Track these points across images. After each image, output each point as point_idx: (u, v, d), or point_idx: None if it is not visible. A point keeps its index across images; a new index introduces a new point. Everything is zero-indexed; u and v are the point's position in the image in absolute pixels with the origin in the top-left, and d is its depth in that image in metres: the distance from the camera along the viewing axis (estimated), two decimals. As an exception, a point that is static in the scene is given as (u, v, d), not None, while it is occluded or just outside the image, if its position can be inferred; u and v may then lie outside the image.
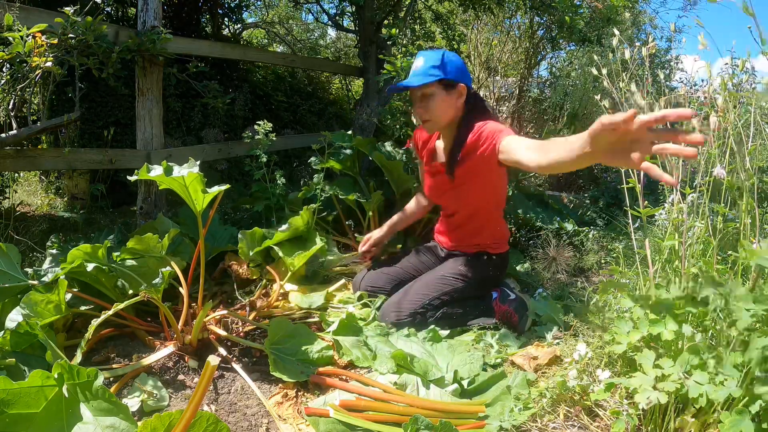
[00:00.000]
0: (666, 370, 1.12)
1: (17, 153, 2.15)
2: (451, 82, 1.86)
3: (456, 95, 1.88)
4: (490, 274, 2.06)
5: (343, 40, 8.30)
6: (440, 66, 1.84)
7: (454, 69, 1.87)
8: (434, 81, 1.84)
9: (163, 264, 1.86)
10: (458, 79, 1.87)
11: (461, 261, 2.05)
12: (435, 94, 1.87)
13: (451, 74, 1.86)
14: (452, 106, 1.89)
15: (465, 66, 1.92)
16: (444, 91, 1.87)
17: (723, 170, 1.35)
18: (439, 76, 1.84)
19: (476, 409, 1.39)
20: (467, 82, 1.91)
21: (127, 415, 1.13)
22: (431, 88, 1.86)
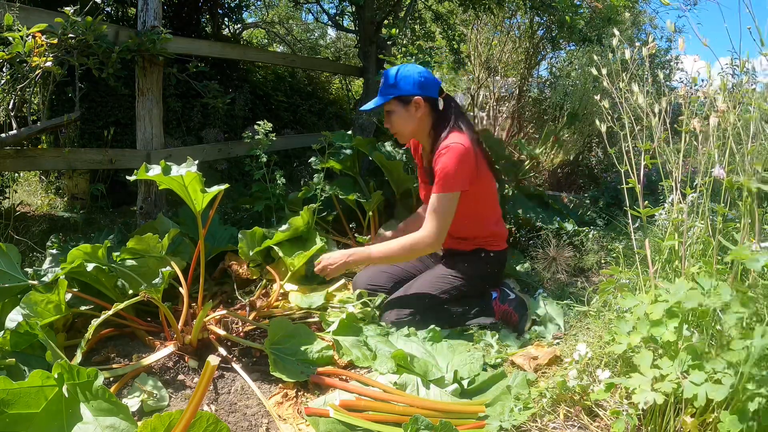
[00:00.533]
0: (664, 370, 1.12)
1: (17, 153, 2.15)
2: (404, 97, 1.94)
3: (413, 108, 1.95)
4: (488, 271, 2.07)
5: (343, 40, 8.30)
6: (394, 84, 1.96)
7: (408, 84, 1.95)
8: (390, 99, 1.96)
9: (163, 264, 1.86)
10: (413, 92, 1.94)
11: (460, 259, 2.05)
12: (394, 111, 1.98)
13: (404, 90, 1.94)
14: (411, 119, 1.97)
15: (426, 77, 1.97)
16: (401, 106, 1.96)
17: (723, 170, 1.35)
18: (392, 95, 1.95)
19: (476, 409, 1.39)
20: (426, 93, 1.96)
21: (127, 415, 1.13)
22: (390, 106, 1.98)
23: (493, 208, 2.11)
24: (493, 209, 2.11)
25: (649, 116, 1.51)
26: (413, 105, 1.95)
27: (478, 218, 2.04)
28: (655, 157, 1.52)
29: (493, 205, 2.11)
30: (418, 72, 1.97)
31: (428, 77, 1.97)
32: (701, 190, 1.46)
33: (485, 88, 5.81)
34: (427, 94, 1.96)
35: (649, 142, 1.49)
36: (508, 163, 3.52)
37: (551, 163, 4.55)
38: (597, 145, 4.77)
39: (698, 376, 1.07)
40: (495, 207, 2.12)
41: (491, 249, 2.08)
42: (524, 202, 3.14)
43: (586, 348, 1.42)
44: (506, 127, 5.50)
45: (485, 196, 2.04)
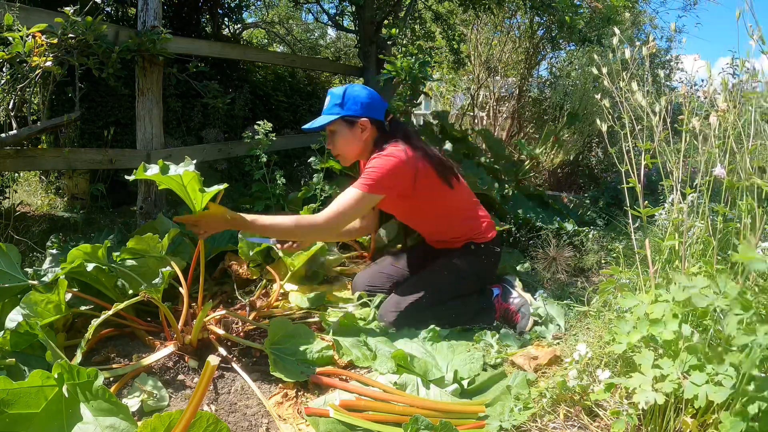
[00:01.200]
0: (665, 370, 1.12)
1: (17, 153, 2.15)
2: (351, 118, 1.89)
3: (359, 129, 1.90)
4: (483, 263, 2.05)
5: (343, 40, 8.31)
6: (340, 103, 1.89)
7: (356, 104, 1.89)
8: (335, 119, 1.89)
9: (163, 264, 1.86)
10: (359, 114, 1.89)
11: (453, 255, 2.03)
12: (337, 132, 1.92)
13: (351, 110, 1.89)
14: (356, 141, 1.91)
15: (374, 98, 1.93)
16: (346, 127, 1.91)
17: (723, 170, 1.35)
18: (339, 114, 1.89)
19: (476, 409, 1.39)
20: (373, 115, 1.91)
21: (127, 415, 1.13)
22: (333, 126, 1.92)
23: (461, 210, 2.05)
24: (462, 210, 2.06)
25: (649, 116, 1.51)
26: (359, 126, 1.90)
27: (449, 217, 2.01)
28: (655, 157, 1.52)
29: (461, 207, 2.06)
30: (367, 93, 1.93)
31: (375, 98, 1.93)
32: (701, 190, 1.46)
33: (485, 88, 5.81)
34: (374, 116, 1.92)
35: (649, 142, 1.49)
36: (508, 163, 3.52)
37: (551, 163, 4.56)
38: (597, 145, 4.77)
39: (699, 376, 1.07)
40: (464, 208, 2.07)
41: (480, 241, 2.05)
42: (524, 202, 3.14)
43: (586, 348, 1.42)
44: (506, 127, 5.50)
45: (450, 202, 1.99)
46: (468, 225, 2.04)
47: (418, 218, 2.10)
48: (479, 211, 2.10)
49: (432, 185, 1.93)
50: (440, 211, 2.00)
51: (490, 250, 2.06)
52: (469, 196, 2.11)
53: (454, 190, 1.99)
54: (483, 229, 2.06)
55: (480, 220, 2.07)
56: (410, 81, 3.12)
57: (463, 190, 2.08)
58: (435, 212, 2.00)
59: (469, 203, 2.09)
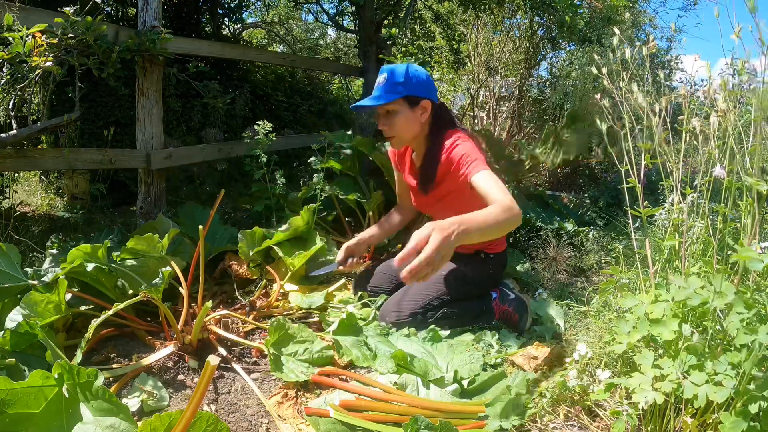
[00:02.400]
0: (665, 370, 1.12)
1: (17, 153, 2.15)
2: (415, 98, 1.84)
3: (420, 111, 1.86)
4: (489, 272, 2.06)
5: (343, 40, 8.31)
6: (404, 82, 1.83)
7: (419, 84, 1.84)
8: (398, 98, 1.83)
9: (163, 264, 1.86)
10: (422, 94, 1.85)
11: (460, 261, 2.03)
12: (398, 111, 1.86)
13: (415, 90, 1.83)
14: (416, 123, 1.87)
15: (431, 80, 1.90)
16: (408, 107, 1.85)
17: (723, 170, 1.35)
18: (402, 93, 1.82)
19: (476, 409, 1.39)
20: (432, 97, 1.89)
21: (127, 416, 1.13)
22: (395, 106, 1.85)
23: None
24: None
25: (649, 116, 1.51)
26: (421, 108, 1.86)
27: None
28: (655, 157, 1.52)
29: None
30: (426, 74, 1.89)
31: (431, 80, 1.91)
32: (701, 190, 1.46)
33: (485, 88, 5.81)
34: (433, 99, 1.90)
35: (649, 142, 1.49)
36: (508, 163, 3.52)
37: (551, 163, 4.55)
38: (597, 145, 4.77)
39: (699, 376, 1.07)
40: None
41: (491, 251, 2.07)
42: (524, 202, 3.14)
43: (586, 348, 1.42)
44: (506, 127, 5.50)
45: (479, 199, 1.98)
46: None
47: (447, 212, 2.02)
48: None
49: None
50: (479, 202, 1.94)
51: (498, 261, 2.08)
52: None
53: None
54: (498, 240, 2.06)
55: None
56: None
57: None
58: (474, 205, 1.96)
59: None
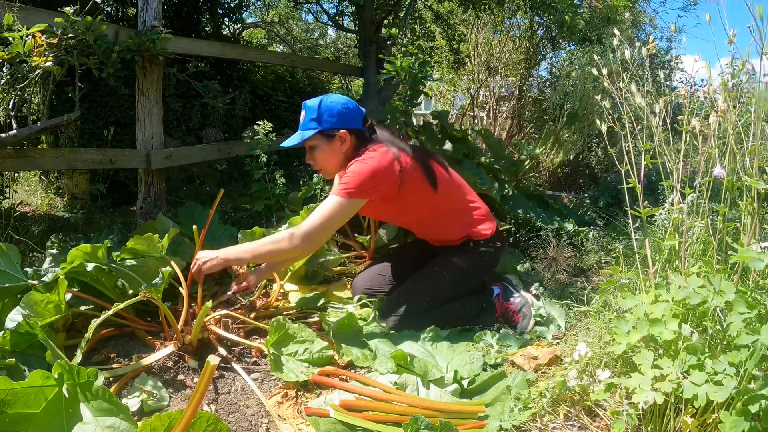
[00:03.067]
0: (665, 370, 1.12)
1: (17, 153, 2.15)
2: (329, 131, 1.84)
3: (338, 142, 1.85)
4: (484, 260, 2.01)
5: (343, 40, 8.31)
6: (317, 117, 1.84)
7: (332, 117, 1.83)
8: (313, 134, 1.84)
9: (162, 264, 1.86)
10: (337, 126, 1.84)
11: (452, 253, 1.99)
12: (317, 146, 1.87)
13: (328, 123, 1.83)
14: (336, 154, 1.87)
15: (349, 108, 1.87)
16: (325, 141, 1.85)
17: (723, 170, 1.35)
18: (316, 129, 1.83)
19: (476, 409, 1.39)
20: (350, 125, 1.86)
21: (128, 416, 1.13)
22: (312, 141, 1.86)
23: (451, 210, 2.00)
24: (453, 210, 2.01)
25: (648, 116, 1.51)
26: (338, 139, 1.84)
27: (441, 216, 1.98)
28: (655, 157, 1.52)
29: (452, 207, 2.01)
30: (341, 103, 1.86)
31: (351, 107, 1.88)
32: (701, 190, 1.46)
33: (485, 88, 5.81)
34: (352, 126, 1.87)
35: (649, 142, 1.49)
36: (508, 163, 3.52)
37: (551, 163, 4.56)
38: (597, 145, 4.77)
39: (699, 376, 1.07)
40: (455, 207, 2.01)
41: (479, 237, 2.00)
42: (524, 202, 3.14)
43: (586, 348, 1.42)
44: (506, 127, 5.50)
45: (439, 202, 1.94)
46: (462, 224, 2.00)
47: (406, 220, 2.08)
48: (474, 209, 2.05)
49: (418, 186, 1.88)
50: (429, 211, 1.96)
51: (490, 246, 2.02)
52: (462, 193, 2.06)
53: (441, 189, 1.94)
54: (480, 226, 2.01)
55: (475, 217, 2.02)
56: (410, 81, 3.11)
57: (453, 188, 2.02)
58: (423, 213, 1.97)
59: (461, 201, 2.04)
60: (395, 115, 3.35)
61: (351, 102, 1.90)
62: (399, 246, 2.44)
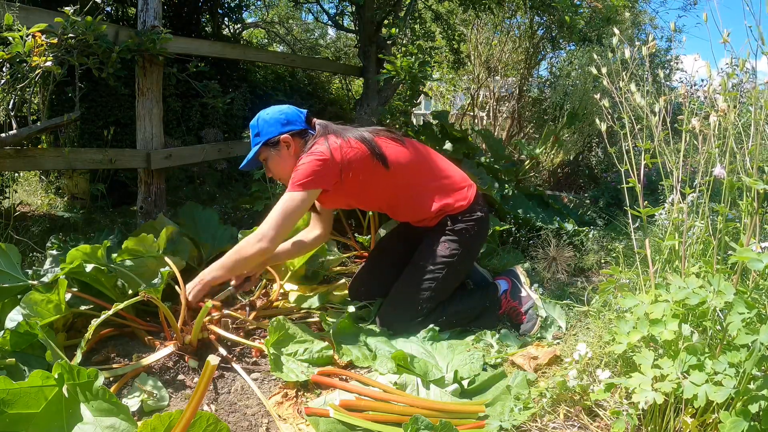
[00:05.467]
0: (665, 370, 1.12)
1: (17, 153, 2.15)
2: (271, 140, 1.89)
3: (284, 147, 1.90)
4: (467, 237, 1.93)
5: (343, 39, 8.30)
6: (258, 132, 1.92)
7: (269, 126, 1.90)
8: (259, 147, 1.90)
9: (162, 264, 1.86)
10: (277, 133, 1.89)
11: (433, 239, 1.94)
12: (268, 158, 1.93)
13: (268, 133, 1.89)
14: (287, 159, 1.91)
15: (287, 113, 1.92)
16: (272, 150, 1.91)
17: (723, 170, 1.35)
18: (261, 141, 1.90)
19: (476, 409, 1.39)
20: (292, 128, 1.90)
21: (128, 416, 1.13)
22: (263, 155, 1.93)
23: (415, 185, 1.94)
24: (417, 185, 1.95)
25: (648, 116, 1.51)
26: (283, 145, 1.89)
27: (404, 202, 1.94)
28: (655, 157, 1.52)
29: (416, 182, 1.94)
30: (276, 110, 1.93)
31: (288, 112, 1.93)
32: (701, 190, 1.46)
33: (485, 88, 5.81)
34: (293, 129, 1.91)
35: (649, 142, 1.49)
36: (508, 163, 3.52)
37: (551, 163, 4.56)
38: (597, 145, 4.77)
39: (698, 376, 1.07)
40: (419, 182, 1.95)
41: (454, 211, 1.93)
42: (524, 202, 3.14)
43: (586, 348, 1.42)
44: (506, 127, 5.50)
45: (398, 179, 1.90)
46: (432, 198, 1.93)
47: (374, 204, 2.09)
48: (445, 178, 1.98)
49: (369, 167, 1.86)
50: (392, 191, 1.93)
51: (469, 220, 1.94)
52: (428, 166, 1.99)
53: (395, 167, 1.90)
54: (453, 197, 1.95)
55: (446, 188, 1.96)
56: (410, 81, 3.11)
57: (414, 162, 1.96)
58: (387, 193, 1.94)
59: (426, 174, 1.97)
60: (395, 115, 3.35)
61: (287, 107, 1.96)
62: (387, 236, 2.35)
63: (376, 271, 2.14)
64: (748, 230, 1.23)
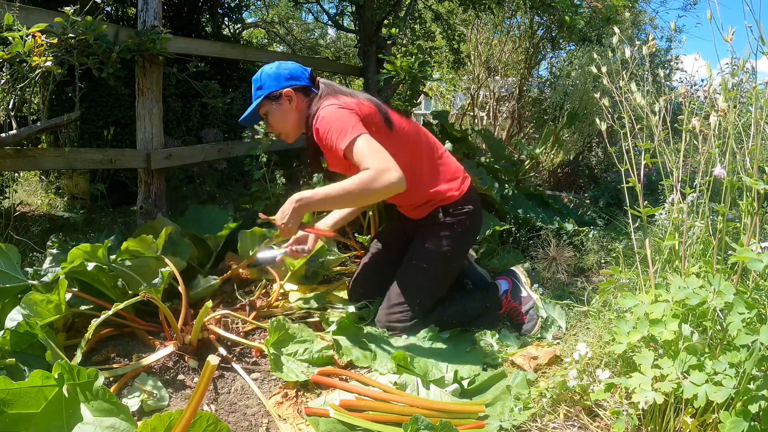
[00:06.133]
0: (665, 370, 1.12)
1: (17, 153, 2.15)
2: (273, 93, 1.86)
3: (286, 101, 1.87)
4: (459, 232, 1.90)
5: (343, 39, 8.31)
6: (261, 85, 1.88)
7: (271, 79, 1.87)
8: (261, 100, 1.87)
9: (162, 264, 1.86)
10: (279, 87, 1.86)
11: (426, 236, 1.91)
12: (269, 111, 1.89)
13: (270, 87, 1.86)
14: (288, 113, 1.88)
15: (290, 68, 1.89)
16: (274, 104, 1.87)
17: (723, 170, 1.35)
18: (262, 94, 1.87)
19: (476, 409, 1.39)
20: (293, 83, 1.87)
21: (128, 416, 1.13)
22: (264, 108, 1.89)
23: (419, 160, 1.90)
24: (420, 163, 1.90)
25: (648, 116, 1.51)
26: (285, 98, 1.86)
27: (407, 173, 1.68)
28: (655, 157, 1.52)
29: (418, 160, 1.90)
30: (281, 65, 1.91)
31: (293, 68, 1.90)
32: (701, 190, 1.46)
33: (485, 87, 5.81)
34: (297, 84, 1.87)
35: (649, 142, 1.49)
36: (508, 163, 3.52)
37: (551, 163, 4.56)
38: (597, 145, 4.77)
39: (698, 376, 1.07)
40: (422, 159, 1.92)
41: (444, 203, 1.90)
42: (524, 202, 3.14)
43: (586, 348, 1.42)
44: (506, 127, 5.50)
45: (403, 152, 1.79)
46: (425, 181, 1.90)
47: None
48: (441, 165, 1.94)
49: (378, 128, 1.79)
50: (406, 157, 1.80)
51: (461, 213, 1.91)
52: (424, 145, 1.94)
53: (398, 132, 1.86)
54: (446, 185, 1.92)
55: (441, 174, 1.93)
56: (410, 81, 3.11)
57: (412, 135, 1.91)
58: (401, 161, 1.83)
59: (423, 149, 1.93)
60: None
61: (291, 62, 1.93)
62: (382, 231, 2.32)
63: (375, 271, 2.12)
64: (748, 230, 1.23)
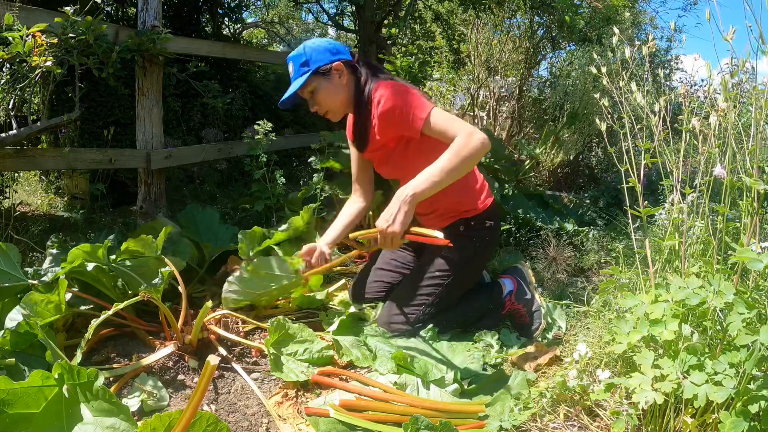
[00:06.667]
0: (665, 370, 1.12)
1: (17, 153, 2.15)
2: (323, 68, 1.78)
3: (336, 76, 1.79)
4: (477, 246, 1.86)
5: (343, 39, 8.30)
6: (306, 60, 1.78)
7: (319, 53, 1.78)
8: (309, 75, 1.76)
9: (162, 264, 1.86)
10: (328, 60, 1.78)
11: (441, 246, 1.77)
12: (317, 87, 1.79)
13: (319, 61, 1.77)
14: (339, 89, 1.80)
15: (332, 44, 1.82)
16: (322, 78, 1.78)
17: (723, 170, 1.35)
18: (310, 70, 1.77)
19: (476, 409, 1.39)
20: (340, 57, 1.80)
21: (128, 416, 1.13)
22: (311, 84, 1.79)
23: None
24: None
25: (648, 116, 1.51)
26: (335, 72, 1.78)
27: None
28: (655, 157, 1.52)
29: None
30: (324, 40, 1.83)
31: (335, 43, 1.84)
32: (701, 190, 1.46)
33: (485, 88, 5.80)
34: (344, 58, 1.81)
35: (649, 142, 1.49)
36: (508, 163, 3.52)
37: (551, 163, 4.55)
38: (597, 145, 4.77)
39: (699, 376, 1.07)
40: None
41: (469, 215, 1.86)
42: (524, 202, 3.14)
43: (586, 348, 1.42)
44: (506, 127, 5.49)
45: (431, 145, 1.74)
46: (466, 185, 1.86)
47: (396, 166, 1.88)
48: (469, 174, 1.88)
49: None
50: (420, 154, 1.79)
51: (482, 227, 1.88)
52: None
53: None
54: (476, 192, 1.88)
55: (470, 184, 1.89)
56: (410, 81, 3.12)
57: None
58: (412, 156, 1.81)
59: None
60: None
61: (331, 40, 1.87)
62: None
63: (379, 274, 2.10)
64: (748, 230, 1.23)
